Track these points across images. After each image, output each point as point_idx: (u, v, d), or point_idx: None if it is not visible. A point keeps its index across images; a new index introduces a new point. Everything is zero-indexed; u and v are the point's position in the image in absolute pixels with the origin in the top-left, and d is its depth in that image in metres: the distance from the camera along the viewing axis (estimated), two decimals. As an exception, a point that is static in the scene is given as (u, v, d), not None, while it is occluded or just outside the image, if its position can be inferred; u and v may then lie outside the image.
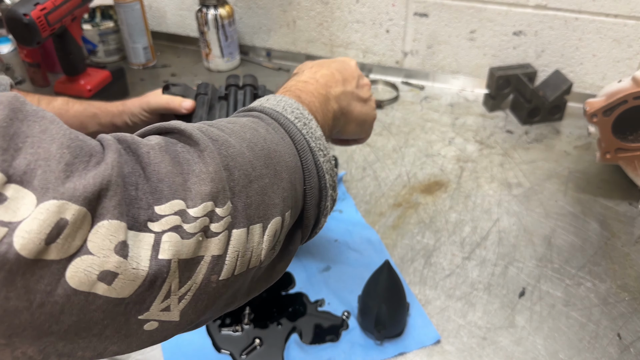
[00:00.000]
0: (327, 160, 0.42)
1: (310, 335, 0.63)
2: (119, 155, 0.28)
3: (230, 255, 0.31)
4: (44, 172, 0.24)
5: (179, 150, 0.31)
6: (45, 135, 0.25)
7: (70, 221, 0.24)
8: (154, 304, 0.27)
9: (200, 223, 0.29)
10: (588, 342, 0.63)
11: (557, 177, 0.88)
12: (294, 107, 0.43)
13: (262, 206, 0.33)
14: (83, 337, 0.26)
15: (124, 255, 0.26)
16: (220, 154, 0.32)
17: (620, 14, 0.96)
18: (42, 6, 0.86)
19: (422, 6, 1.08)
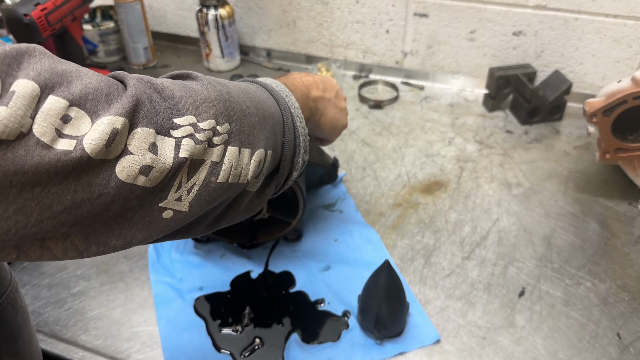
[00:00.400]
0: (302, 127, 0.50)
1: (311, 334, 0.63)
2: (138, 81, 0.35)
3: (225, 165, 0.38)
4: (94, 99, 0.31)
5: (186, 82, 0.39)
6: (81, 72, 0.32)
7: (120, 130, 0.31)
8: (170, 193, 0.34)
9: (206, 134, 0.36)
10: (588, 341, 0.63)
11: (556, 177, 0.89)
12: (281, 87, 0.51)
13: (252, 137, 0.41)
14: (120, 223, 0.33)
15: (155, 152, 0.33)
16: (220, 91, 0.40)
17: (620, 14, 0.96)
18: (43, 6, 0.86)
19: (422, 6, 1.08)
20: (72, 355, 0.61)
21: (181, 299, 0.67)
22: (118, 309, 0.66)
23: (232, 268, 0.72)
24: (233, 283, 0.70)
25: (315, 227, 0.78)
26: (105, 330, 0.64)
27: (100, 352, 0.62)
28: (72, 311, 0.66)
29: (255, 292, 0.69)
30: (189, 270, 0.71)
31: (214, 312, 0.66)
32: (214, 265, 0.72)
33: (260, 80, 0.50)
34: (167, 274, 0.70)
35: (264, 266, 0.72)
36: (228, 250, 0.74)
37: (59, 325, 0.64)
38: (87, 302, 0.67)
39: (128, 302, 0.67)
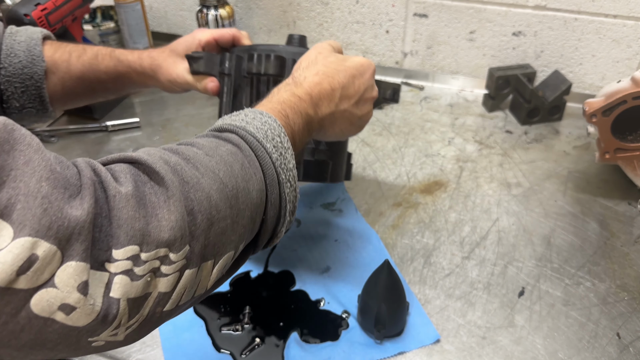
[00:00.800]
0: (292, 190, 0.45)
1: (310, 334, 0.63)
2: (95, 197, 0.30)
3: (177, 291, 0.34)
4: (23, 208, 0.27)
5: (147, 192, 0.33)
6: (27, 167, 0.28)
7: (41, 257, 0.27)
8: (104, 333, 0.31)
9: (149, 265, 0.32)
10: (587, 341, 0.63)
11: (556, 177, 0.89)
12: (275, 134, 0.44)
13: (219, 245, 0.37)
14: (37, 350, 0.29)
15: (84, 293, 0.29)
16: (187, 199, 0.34)
17: (619, 14, 0.97)
18: (43, 6, 0.86)
19: (421, 7, 1.08)
20: (72, 354, 0.61)
21: None
22: (118, 308, 0.66)
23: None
24: (233, 283, 0.70)
25: (315, 227, 0.79)
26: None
27: (101, 351, 0.62)
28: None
29: (255, 291, 0.69)
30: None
31: (214, 311, 0.66)
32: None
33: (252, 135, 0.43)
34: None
35: (263, 266, 0.72)
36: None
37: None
38: (87, 301, 0.67)
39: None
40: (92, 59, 0.68)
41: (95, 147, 0.96)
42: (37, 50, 0.65)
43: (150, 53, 0.70)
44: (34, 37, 0.65)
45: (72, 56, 0.67)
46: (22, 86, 0.65)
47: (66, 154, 0.94)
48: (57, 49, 0.67)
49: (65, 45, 0.68)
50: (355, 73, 0.54)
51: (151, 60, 0.69)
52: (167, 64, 0.68)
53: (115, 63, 0.68)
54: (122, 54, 0.69)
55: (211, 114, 1.06)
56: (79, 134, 0.99)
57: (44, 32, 0.67)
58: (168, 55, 0.69)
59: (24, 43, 0.64)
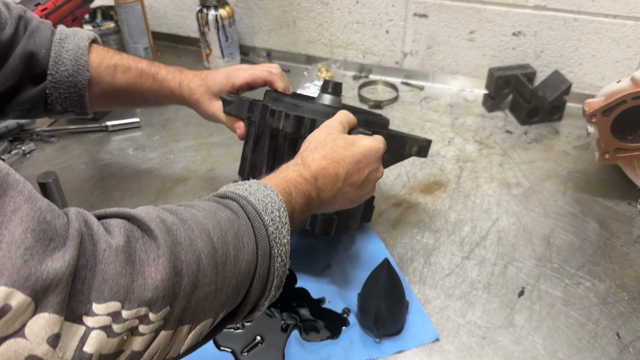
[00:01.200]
0: (282, 265, 0.45)
1: (311, 332, 0.63)
2: (81, 249, 0.31)
3: (149, 352, 0.34)
4: (4, 257, 0.27)
5: (138, 248, 0.34)
6: (15, 215, 0.28)
7: (14, 308, 0.27)
8: None
9: (129, 324, 0.32)
10: (587, 341, 0.63)
11: (556, 177, 0.89)
12: (275, 208, 0.45)
13: (199, 310, 0.37)
14: None
15: (54, 345, 0.28)
16: (177, 259, 0.35)
17: (619, 14, 0.97)
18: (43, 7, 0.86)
19: (421, 7, 1.08)
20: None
21: None
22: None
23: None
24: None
25: (315, 227, 0.79)
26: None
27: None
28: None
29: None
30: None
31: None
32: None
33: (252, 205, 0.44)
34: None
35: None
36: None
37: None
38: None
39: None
40: (137, 77, 0.70)
41: (95, 147, 0.96)
42: (84, 60, 0.67)
43: (188, 83, 0.71)
44: (81, 46, 0.67)
45: (117, 71, 0.70)
46: (66, 92, 0.67)
47: (66, 153, 0.94)
48: (103, 59, 0.69)
49: (111, 56, 0.70)
50: (362, 158, 0.56)
51: (190, 93, 0.71)
52: (204, 100, 0.71)
53: (158, 87, 0.71)
54: (165, 79, 0.71)
55: (211, 114, 1.06)
56: (79, 134, 0.99)
57: (90, 37, 0.69)
58: (205, 91, 0.71)
59: (72, 52, 0.66)
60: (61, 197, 0.80)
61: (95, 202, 0.83)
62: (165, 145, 0.96)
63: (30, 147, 0.94)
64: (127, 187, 0.86)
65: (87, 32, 0.70)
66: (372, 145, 0.57)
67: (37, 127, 0.99)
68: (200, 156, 0.93)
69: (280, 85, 0.70)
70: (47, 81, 0.66)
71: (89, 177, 0.88)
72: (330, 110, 0.63)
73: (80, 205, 0.86)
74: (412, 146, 0.71)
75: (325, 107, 0.65)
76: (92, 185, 0.87)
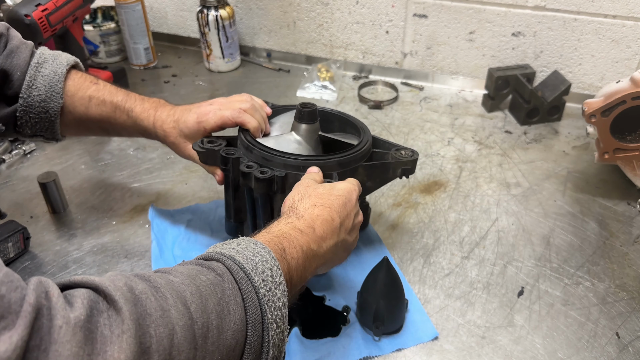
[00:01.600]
0: (279, 333, 0.41)
1: (311, 329, 0.63)
2: (32, 326, 0.28)
3: None
4: None
5: (101, 323, 0.31)
6: None
7: None
8: None
9: None
10: (587, 341, 0.63)
11: (555, 177, 0.89)
12: (267, 267, 0.41)
13: None
14: None
15: None
16: (145, 334, 0.32)
17: (618, 14, 0.97)
18: (44, 7, 0.86)
19: (421, 7, 1.08)
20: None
21: None
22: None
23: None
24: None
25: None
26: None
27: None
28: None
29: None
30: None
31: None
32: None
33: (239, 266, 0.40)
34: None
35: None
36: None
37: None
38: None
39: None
40: (111, 112, 0.68)
41: (96, 147, 0.96)
42: (58, 87, 0.65)
43: (162, 125, 0.68)
44: (58, 72, 0.65)
45: (92, 103, 0.67)
46: (37, 117, 0.66)
47: (67, 154, 0.94)
48: (79, 89, 0.67)
49: (87, 86, 0.68)
50: (346, 201, 0.54)
51: (164, 135, 0.68)
52: (178, 142, 0.68)
53: (132, 124, 0.69)
54: (139, 117, 0.68)
55: (211, 114, 1.06)
56: (79, 134, 0.99)
57: (70, 62, 0.67)
58: (178, 134, 0.68)
59: (47, 77, 0.65)
60: (61, 197, 0.80)
61: (96, 202, 0.83)
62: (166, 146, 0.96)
63: (31, 147, 0.94)
64: (127, 187, 0.86)
65: (68, 57, 0.68)
66: (350, 187, 0.56)
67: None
68: (200, 156, 0.94)
69: (252, 124, 0.65)
70: (18, 104, 0.64)
71: (90, 177, 0.89)
72: (300, 162, 0.61)
73: (80, 206, 0.86)
74: (396, 169, 0.67)
75: (296, 159, 0.61)
76: (93, 185, 0.87)
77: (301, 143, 0.66)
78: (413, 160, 0.67)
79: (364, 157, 0.65)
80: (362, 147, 0.65)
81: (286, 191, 0.61)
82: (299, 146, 0.66)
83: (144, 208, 0.82)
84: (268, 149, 0.62)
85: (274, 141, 0.66)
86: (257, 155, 0.62)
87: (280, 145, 0.64)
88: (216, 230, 0.77)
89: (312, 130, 0.67)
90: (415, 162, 0.67)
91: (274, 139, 0.67)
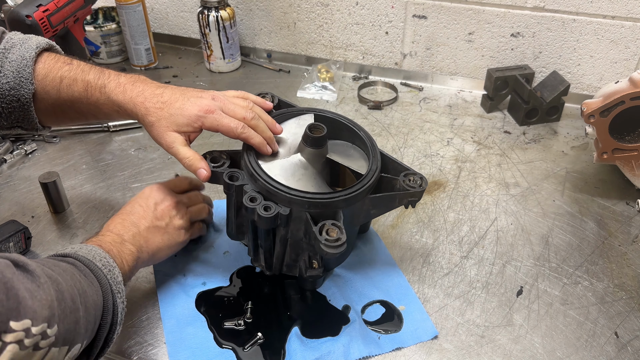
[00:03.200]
0: (122, 301, 0.54)
1: (311, 329, 0.64)
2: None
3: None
4: None
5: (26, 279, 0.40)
6: None
7: None
8: None
9: (35, 339, 0.38)
10: (585, 340, 0.63)
11: (554, 177, 0.89)
12: (102, 256, 0.54)
13: (74, 333, 0.44)
14: None
15: None
16: (53, 289, 0.42)
17: (617, 15, 0.97)
18: (45, 8, 0.87)
19: (420, 8, 1.08)
20: (74, 352, 0.62)
21: (184, 294, 0.68)
22: (120, 307, 0.67)
23: (235, 264, 0.72)
24: (235, 278, 0.71)
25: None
26: (107, 328, 0.64)
27: (102, 349, 0.62)
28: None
29: (257, 287, 0.69)
30: (193, 265, 0.72)
31: (217, 306, 0.66)
32: (217, 261, 0.73)
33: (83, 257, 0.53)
34: (170, 270, 0.71)
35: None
36: (231, 247, 0.75)
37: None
38: (89, 300, 0.68)
39: (131, 300, 0.68)
40: (82, 91, 0.63)
41: (97, 147, 0.96)
42: (27, 72, 0.60)
43: (144, 102, 0.62)
44: (26, 56, 0.61)
45: (63, 84, 0.62)
46: (9, 107, 0.62)
47: (68, 154, 0.94)
48: (50, 70, 0.62)
49: (59, 67, 0.63)
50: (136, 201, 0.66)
51: (145, 112, 0.62)
52: (160, 125, 0.62)
53: (105, 101, 0.63)
54: (113, 92, 0.63)
55: (212, 114, 1.06)
56: (81, 134, 1.00)
57: (40, 46, 0.63)
58: (164, 117, 0.62)
59: (15, 63, 0.60)
60: (63, 197, 0.81)
61: (97, 202, 0.83)
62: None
63: (32, 147, 0.95)
64: (128, 187, 0.87)
65: (39, 40, 0.63)
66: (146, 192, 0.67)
67: (38, 127, 1.00)
68: (200, 156, 0.94)
69: (256, 140, 0.62)
70: None
71: (91, 177, 0.89)
72: (306, 201, 0.58)
73: (81, 206, 0.86)
74: (402, 199, 0.64)
75: (302, 197, 0.58)
76: (94, 185, 0.87)
77: (307, 168, 0.64)
78: (421, 192, 0.63)
79: (371, 189, 0.63)
80: (370, 179, 0.62)
81: (289, 225, 0.60)
82: (305, 171, 0.63)
83: (145, 208, 0.82)
84: (273, 181, 0.59)
85: (280, 167, 0.63)
86: (261, 187, 0.60)
87: (286, 171, 0.62)
88: (217, 230, 0.78)
89: (319, 154, 0.65)
90: (422, 192, 0.64)
91: (280, 164, 0.63)
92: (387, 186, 0.65)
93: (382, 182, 0.65)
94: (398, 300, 0.67)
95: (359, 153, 0.69)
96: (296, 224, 0.61)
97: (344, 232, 0.57)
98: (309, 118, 0.69)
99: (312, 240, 0.58)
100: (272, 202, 0.59)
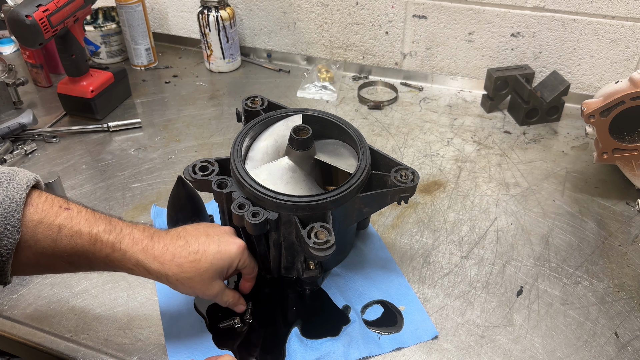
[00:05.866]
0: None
1: (311, 329, 0.64)
2: None
3: None
4: None
5: None
6: None
7: None
8: None
9: None
10: (585, 340, 0.63)
11: (554, 177, 0.89)
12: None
13: None
14: None
15: None
16: None
17: (617, 15, 0.97)
18: (45, 7, 0.86)
19: (420, 8, 1.08)
20: (75, 353, 0.62)
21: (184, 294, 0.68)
22: (120, 307, 0.67)
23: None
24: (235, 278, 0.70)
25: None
26: (107, 329, 0.64)
27: (102, 350, 0.62)
28: (75, 310, 0.67)
29: (257, 287, 0.69)
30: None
31: (216, 307, 0.66)
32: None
33: None
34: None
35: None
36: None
37: (61, 324, 0.65)
38: (89, 300, 0.68)
39: (130, 300, 0.68)
40: (89, 245, 0.53)
41: (97, 147, 0.96)
42: (15, 218, 0.49)
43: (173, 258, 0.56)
44: (15, 198, 0.49)
45: (62, 234, 0.52)
46: None
47: (68, 154, 0.94)
48: (45, 216, 0.51)
49: (55, 213, 0.52)
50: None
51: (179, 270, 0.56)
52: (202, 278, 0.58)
53: (120, 257, 0.55)
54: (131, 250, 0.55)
55: (212, 114, 1.06)
56: (81, 134, 1.00)
57: (30, 182, 0.52)
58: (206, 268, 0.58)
59: (1, 207, 0.48)
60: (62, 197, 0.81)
61: (97, 202, 0.83)
62: (167, 146, 0.97)
63: (32, 147, 0.95)
64: (128, 187, 0.87)
65: (27, 175, 0.52)
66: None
67: (39, 127, 1.00)
68: (201, 156, 0.94)
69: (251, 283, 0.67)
70: None
71: (91, 177, 0.89)
72: (293, 205, 0.58)
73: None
74: (394, 196, 0.64)
75: (289, 202, 0.58)
76: (94, 185, 0.87)
77: (295, 170, 0.64)
78: (413, 187, 0.63)
79: (360, 187, 0.62)
80: (358, 177, 0.61)
81: (280, 229, 0.60)
82: (294, 174, 0.63)
83: (145, 208, 0.82)
84: (260, 187, 0.59)
85: (267, 171, 0.63)
86: (248, 193, 0.60)
87: (273, 175, 0.62)
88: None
89: (306, 156, 0.64)
90: (415, 187, 0.63)
91: (267, 168, 0.63)
92: (379, 183, 0.65)
93: (373, 179, 0.65)
94: (398, 300, 0.67)
95: (348, 151, 0.69)
96: (287, 228, 0.61)
97: (332, 234, 0.57)
98: (297, 119, 0.69)
99: (302, 243, 0.58)
100: (260, 208, 0.59)
